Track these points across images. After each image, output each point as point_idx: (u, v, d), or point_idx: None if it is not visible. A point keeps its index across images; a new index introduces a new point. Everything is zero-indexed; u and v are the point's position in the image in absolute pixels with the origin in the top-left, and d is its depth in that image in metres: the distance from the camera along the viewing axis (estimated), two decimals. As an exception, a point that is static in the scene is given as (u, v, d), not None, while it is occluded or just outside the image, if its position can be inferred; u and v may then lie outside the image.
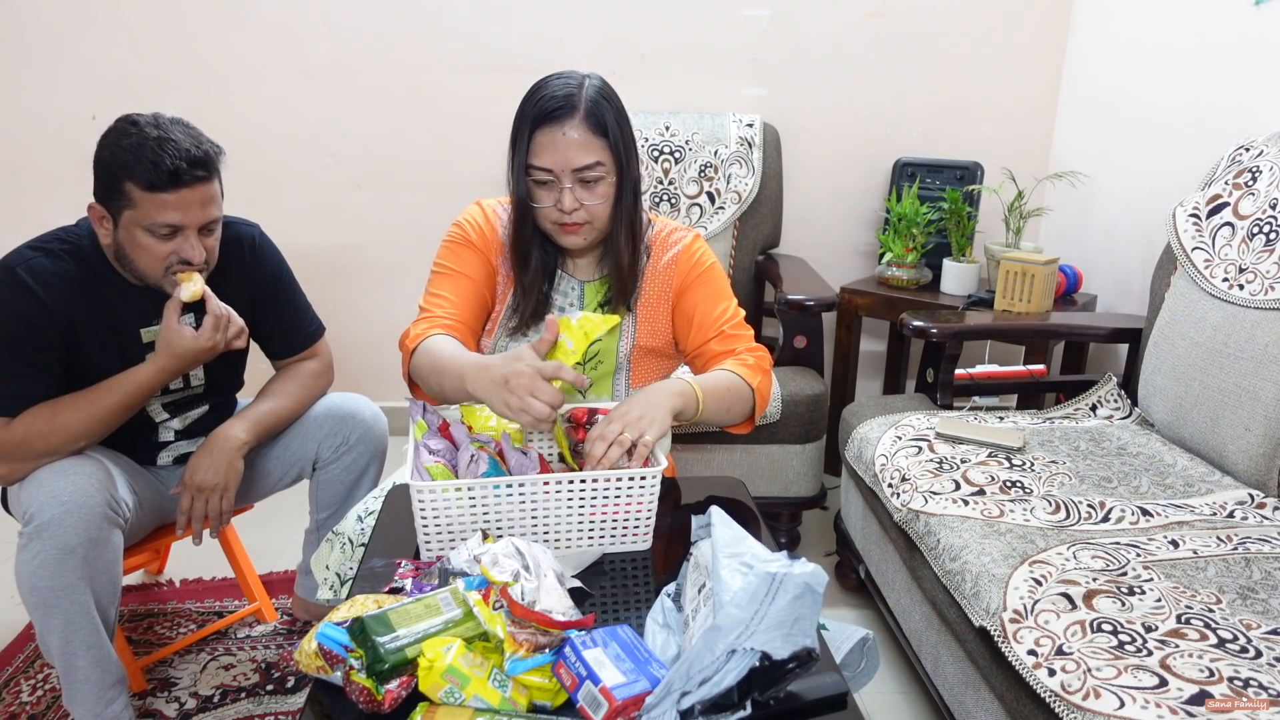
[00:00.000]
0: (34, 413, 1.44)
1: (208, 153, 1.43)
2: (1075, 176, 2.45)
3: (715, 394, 1.35)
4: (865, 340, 2.75)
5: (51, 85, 2.58)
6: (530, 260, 1.42)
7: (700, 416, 1.34)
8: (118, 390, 1.47)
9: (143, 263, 1.45)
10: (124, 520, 1.47)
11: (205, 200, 1.43)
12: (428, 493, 1.11)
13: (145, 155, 1.36)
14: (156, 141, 1.37)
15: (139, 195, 1.38)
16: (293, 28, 2.58)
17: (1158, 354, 1.78)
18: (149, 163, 1.36)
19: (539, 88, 1.34)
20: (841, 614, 2.02)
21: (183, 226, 1.42)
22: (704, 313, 1.47)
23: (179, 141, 1.38)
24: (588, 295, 1.48)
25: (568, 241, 1.39)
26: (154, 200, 1.38)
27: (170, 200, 1.39)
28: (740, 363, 1.44)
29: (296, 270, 1.76)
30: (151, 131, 1.38)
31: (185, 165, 1.38)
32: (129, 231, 1.42)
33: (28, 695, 1.73)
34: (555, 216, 1.36)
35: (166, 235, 1.42)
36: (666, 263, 1.48)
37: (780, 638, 0.85)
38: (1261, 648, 1.10)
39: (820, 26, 2.63)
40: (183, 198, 1.40)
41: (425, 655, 0.89)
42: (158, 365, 1.48)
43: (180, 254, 1.44)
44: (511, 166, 1.36)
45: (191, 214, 1.42)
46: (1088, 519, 1.43)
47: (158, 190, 1.38)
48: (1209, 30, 2.09)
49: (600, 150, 1.33)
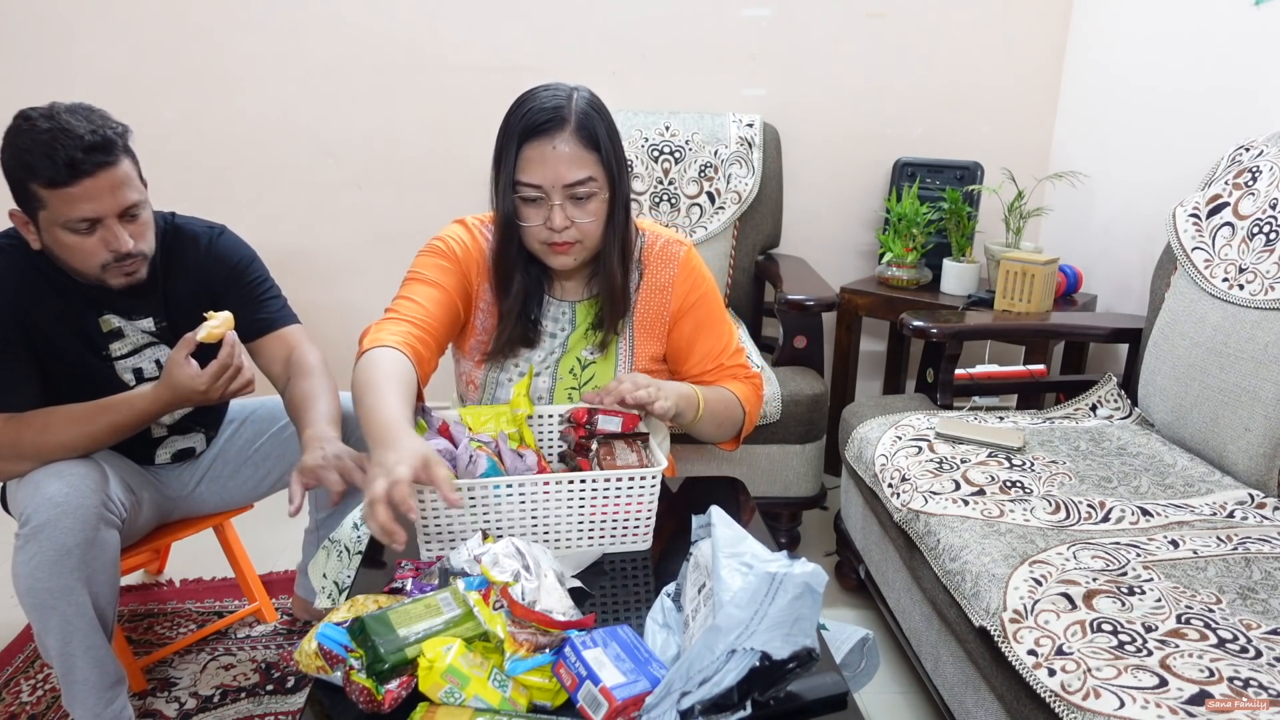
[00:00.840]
0: (27, 419, 1.43)
1: (106, 136, 1.35)
2: (1075, 176, 2.45)
3: (714, 409, 1.38)
4: (865, 340, 2.75)
5: (52, 85, 2.58)
6: (512, 285, 1.37)
7: (694, 426, 1.35)
8: (112, 411, 1.45)
9: (76, 261, 1.40)
10: (120, 520, 1.46)
11: (114, 185, 1.36)
12: (428, 493, 1.11)
13: (40, 152, 1.31)
14: (49, 135, 1.31)
15: (45, 194, 1.34)
16: (292, 28, 2.58)
17: (1158, 354, 1.78)
18: (45, 159, 1.31)
19: (525, 100, 1.28)
20: (841, 614, 2.02)
21: (99, 217, 1.37)
22: (705, 345, 1.45)
23: (73, 129, 1.32)
24: (579, 316, 1.43)
25: (557, 262, 1.33)
26: (60, 196, 1.33)
27: (76, 193, 1.33)
28: (743, 387, 1.46)
29: (294, 269, 1.75)
30: (44, 125, 1.32)
31: (81, 154, 1.31)
32: (50, 233, 1.38)
33: (28, 695, 1.73)
34: (544, 236, 1.30)
35: (86, 229, 1.37)
36: (664, 282, 1.43)
37: (780, 638, 0.85)
38: (1261, 648, 1.10)
39: (820, 26, 2.63)
40: (87, 188, 1.34)
41: (425, 655, 0.89)
42: (156, 394, 1.45)
43: (109, 246, 1.39)
44: (497, 183, 1.30)
45: (103, 202, 1.36)
46: (1088, 519, 1.43)
47: (60, 185, 1.32)
48: (1209, 30, 2.09)
49: (592, 165, 1.27)
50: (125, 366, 1.55)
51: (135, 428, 1.49)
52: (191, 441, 1.69)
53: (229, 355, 1.44)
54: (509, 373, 1.43)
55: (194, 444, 1.70)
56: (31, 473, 1.42)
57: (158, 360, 1.58)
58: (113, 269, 1.42)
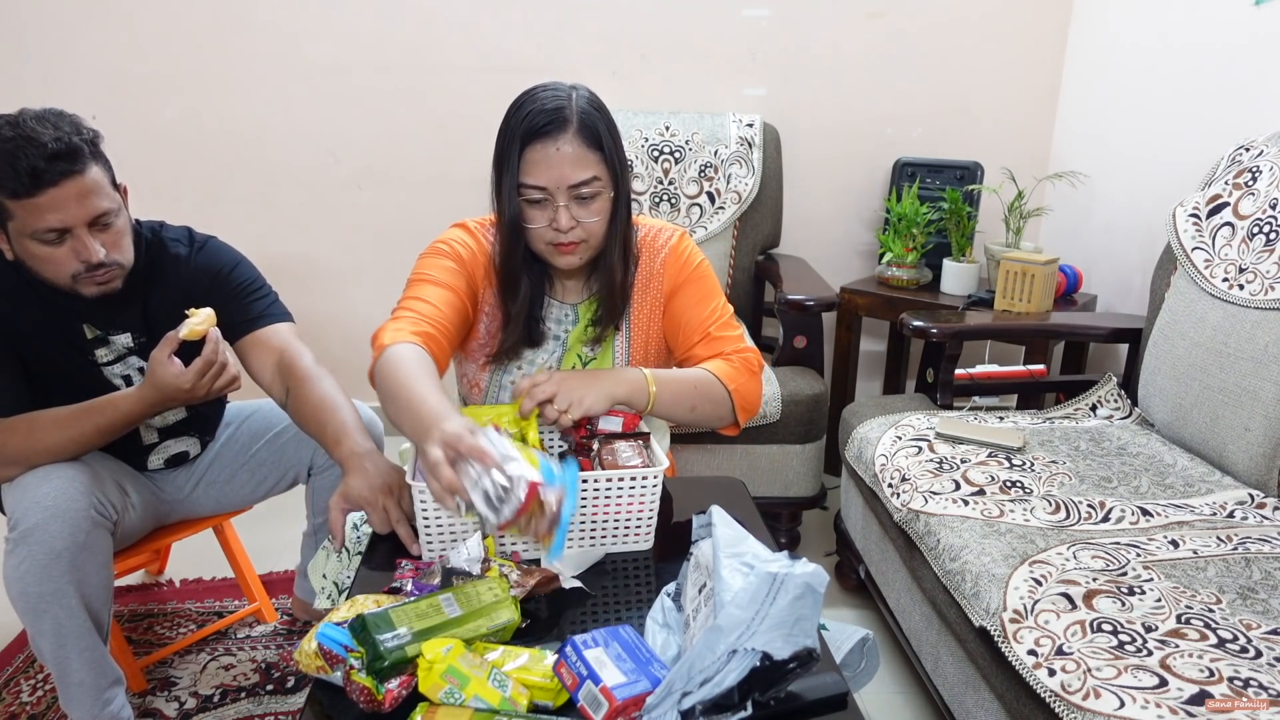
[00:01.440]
0: (11, 425, 1.41)
1: (71, 144, 1.31)
2: (1075, 176, 2.45)
3: (674, 389, 1.33)
4: (865, 340, 2.75)
5: (51, 85, 2.58)
6: (519, 287, 1.36)
7: (652, 410, 1.31)
8: (97, 413, 1.42)
9: (48, 272, 1.38)
10: (111, 522, 1.44)
11: (81, 194, 1.32)
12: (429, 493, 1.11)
13: (3, 161, 1.27)
14: (12, 144, 1.28)
15: (11, 205, 1.30)
16: (293, 28, 2.58)
17: (1158, 354, 1.78)
18: (7, 168, 1.27)
19: (525, 101, 1.27)
20: (841, 614, 2.02)
21: (67, 227, 1.33)
22: (692, 315, 1.43)
23: (37, 137, 1.28)
24: (581, 316, 1.43)
25: (563, 262, 1.32)
26: (25, 207, 1.30)
27: (42, 203, 1.30)
28: (723, 363, 1.40)
29: (295, 269, 1.75)
30: (8, 133, 1.29)
31: (43, 164, 1.28)
32: (20, 244, 1.35)
33: (28, 695, 1.73)
34: (550, 237, 1.29)
35: (55, 240, 1.33)
36: (657, 266, 1.44)
37: (781, 638, 0.85)
38: (1261, 648, 1.10)
39: (820, 26, 2.63)
40: (53, 198, 1.30)
41: (425, 656, 0.89)
42: (141, 394, 1.42)
43: (79, 256, 1.35)
44: (499, 187, 1.29)
45: (70, 212, 1.32)
46: (1088, 519, 1.43)
47: (23, 196, 1.29)
48: (1209, 30, 2.09)
49: (595, 165, 1.26)
50: (114, 373, 1.53)
51: (122, 429, 1.46)
52: (184, 446, 1.68)
53: (213, 352, 1.40)
54: (511, 374, 1.43)
55: (187, 448, 1.69)
56: (20, 476, 1.40)
57: (141, 368, 1.55)
58: (84, 279, 1.39)
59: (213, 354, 1.41)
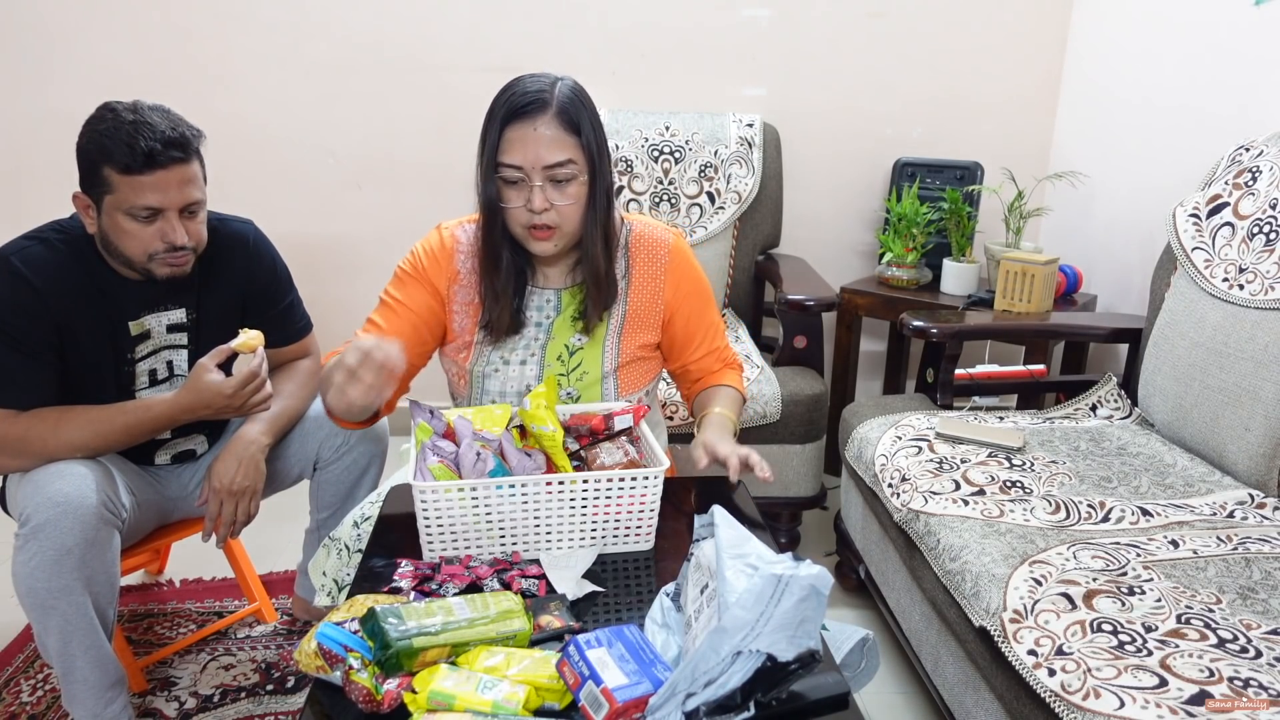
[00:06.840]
0: (41, 415, 1.44)
1: (184, 134, 1.43)
2: (1075, 176, 2.45)
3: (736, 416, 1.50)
4: (865, 340, 2.75)
5: (51, 85, 2.57)
6: (500, 262, 1.38)
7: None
8: (129, 413, 1.48)
9: (128, 247, 1.44)
10: (121, 521, 1.46)
11: (183, 181, 1.43)
12: (430, 493, 1.11)
13: (121, 139, 1.37)
14: (132, 125, 1.38)
15: (116, 179, 1.39)
16: (292, 27, 2.58)
17: (1158, 354, 1.78)
18: (124, 146, 1.37)
19: (510, 86, 1.32)
20: (841, 614, 2.02)
21: (162, 209, 1.42)
22: (696, 326, 1.50)
23: (155, 125, 1.40)
24: (564, 302, 1.44)
25: (538, 248, 1.35)
26: (131, 183, 1.39)
27: (147, 182, 1.39)
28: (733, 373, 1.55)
29: (295, 268, 1.75)
30: (128, 116, 1.40)
31: (160, 146, 1.38)
32: (111, 217, 1.42)
33: (28, 695, 1.73)
34: (525, 219, 1.32)
35: (147, 218, 1.42)
36: (655, 271, 1.46)
37: (785, 639, 0.85)
38: (1261, 648, 1.10)
39: (820, 26, 2.63)
40: (159, 179, 1.40)
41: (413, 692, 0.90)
42: (177, 399, 1.48)
43: (164, 237, 1.44)
44: (480, 166, 1.34)
45: (170, 195, 1.42)
46: (1088, 519, 1.43)
47: (133, 173, 1.38)
48: (1209, 30, 2.09)
49: (572, 148, 1.30)
50: (143, 369, 1.57)
51: (150, 433, 1.52)
52: (192, 444, 1.69)
53: (259, 366, 1.50)
54: (494, 364, 1.43)
55: (195, 445, 1.70)
56: (32, 472, 1.42)
57: (169, 362, 1.60)
58: (160, 259, 1.46)
59: (258, 367, 1.50)
